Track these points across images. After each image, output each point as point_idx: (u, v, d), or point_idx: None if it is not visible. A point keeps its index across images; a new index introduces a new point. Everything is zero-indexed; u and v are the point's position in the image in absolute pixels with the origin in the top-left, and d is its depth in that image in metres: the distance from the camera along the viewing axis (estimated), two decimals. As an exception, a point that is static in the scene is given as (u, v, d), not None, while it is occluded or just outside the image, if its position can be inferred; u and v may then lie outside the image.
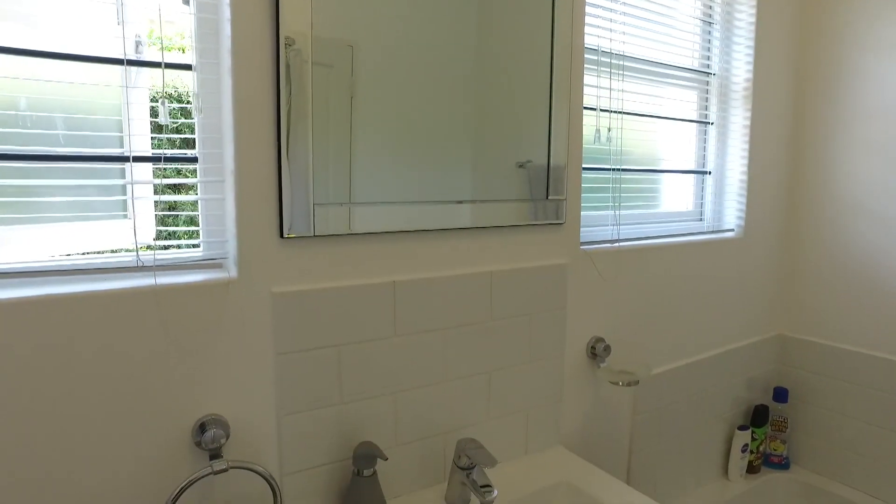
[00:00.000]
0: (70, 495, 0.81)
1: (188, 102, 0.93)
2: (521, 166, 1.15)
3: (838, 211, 1.74)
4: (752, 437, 1.76)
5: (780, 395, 1.82)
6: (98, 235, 0.88)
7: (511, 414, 1.22)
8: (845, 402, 1.73)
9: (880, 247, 1.65)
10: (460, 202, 1.08)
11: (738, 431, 1.72)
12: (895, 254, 1.62)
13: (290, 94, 0.90)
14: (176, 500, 0.87)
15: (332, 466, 1.01)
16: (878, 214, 1.65)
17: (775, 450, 1.83)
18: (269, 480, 0.92)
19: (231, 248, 0.92)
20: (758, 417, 1.78)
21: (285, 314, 0.93)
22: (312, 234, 0.95)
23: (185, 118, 0.93)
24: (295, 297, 0.94)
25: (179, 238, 0.94)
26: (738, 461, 1.74)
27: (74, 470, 0.81)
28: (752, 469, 1.79)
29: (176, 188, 1.17)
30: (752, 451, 1.77)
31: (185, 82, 0.94)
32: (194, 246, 0.94)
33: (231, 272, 0.91)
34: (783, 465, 1.83)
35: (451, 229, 1.09)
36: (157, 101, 0.87)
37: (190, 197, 0.94)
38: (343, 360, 0.99)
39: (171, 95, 0.91)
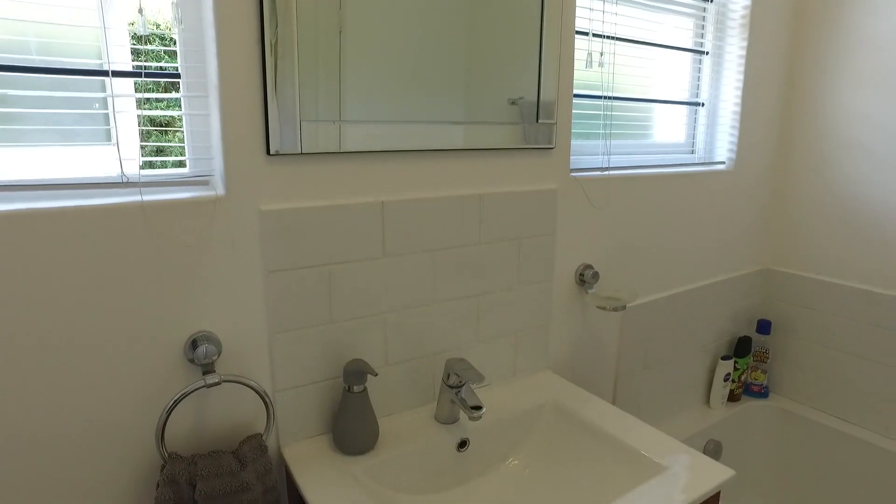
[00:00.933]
0: (63, 412, 0.83)
1: (168, 29, 0.90)
2: (513, 101, 1.13)
3: (829, 145, 1.74)
4: (735, 366, 1.81)
5: (764, 327, 1.86)
6: (81, 161, 0.86)
7: (500, 337, 1.24)
8: (824, 333, 1.78)
9: (869, 182, 1.66)
10: (452, 123, 1.07)
11: (721, 361, 1.77)
12: (883, 189, 1.63)
13: (275, 3, 0.87)
14: (170, 413, 0.89)
15: (324, 384, 1.03)
16: (869, 149, 1.65)
17: (756, 379, 1.88)
18: (261, 395, 0.94)
19: (217, 165, 0.91)
20: (741, 348, 1.82)
21: (274, 232, 0.93)
22: (300, 152, 0.93)
23: (165, 42, 0.90)
24: (283, 215, 0.93)
25: (164, 155, 0.92)
26: (721, 389, 1.79)
27: (66, 387, 0.82)
28: (732, 397, 1.84)
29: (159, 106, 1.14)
30: (733, 381, 1.82)
31: (164, -8, 0.91)
32: (180, 164, 0.93)
33: (218, 190, 0.90)
34: (762, 393, 1.89)
35: (440, 150, 1.08)
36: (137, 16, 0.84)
37: (173, 112, 0.91)
38: (332, 279, 0.99)
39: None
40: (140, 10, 0.84)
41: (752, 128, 1.73)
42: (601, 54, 1.33)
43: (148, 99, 0.90)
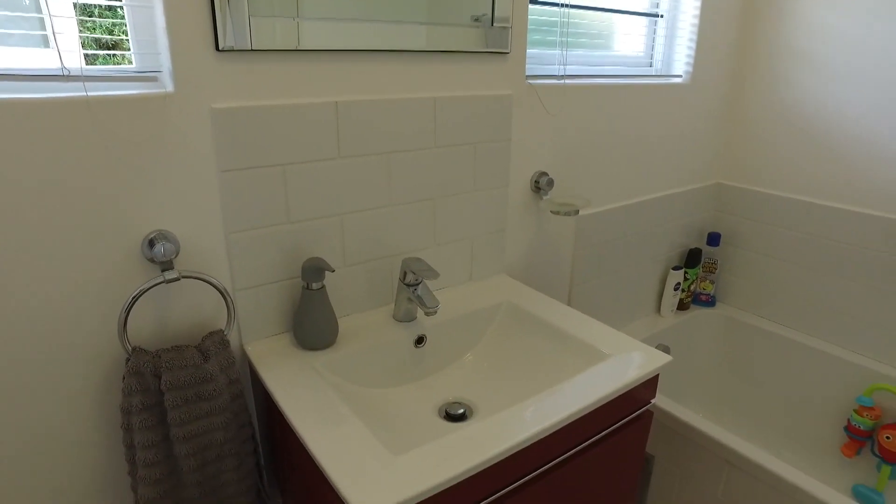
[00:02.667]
0: (21, 312, 0.84)
1: None
2: (476, 18, 1.12)
3: (783, 60, 1.76)
4: (685, 277, 1.90)
5: (713, 239, 1.94)
6: (18, 62, 0.83)
7: (456, 241, 1.27)
8: (768, 245, 1.87)
9: (819, 96, 1.70)
10: (414, 23, 1.06)
11: (672, 271, 1.85)
12: (832, 102, 1.68)
13: None
14: (131, 307, 0.91)
15: (283, 284, 1.06)
16: (820, 62, 1.68)
17: (704, 289, 1.98)
18: (221, 291, 0.96)
19: (165, 61, 0.89)
20: (691, 259, 1.90)
21: (226, 131, 0.93)
22: (251, 48, 0.92)
23: (101, -86, 0.86)
24: (236, 113, 0.93)
25: (108, 48, 0.90)
26: (671, 298, 1.88)
27: (19, 287, 0.83)
28: (682, 306, 1.94)
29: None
30: (683, 290, 1.92)
31: None
32: (125, 59, 0.91)
33: (167, 86, 0.89)
34: (710, 302, 1.99)
35: (397, 52, 1.08)
36: None
37: (114, 2, 0.88)
38: (288, 179, 1.00)
39: None
40: None
41: (710, 42, 1.74)
42: (559, -42, 1.31)
43: (86, -11, 0.86)
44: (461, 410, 1.06)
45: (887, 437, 1.61)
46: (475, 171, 1.25)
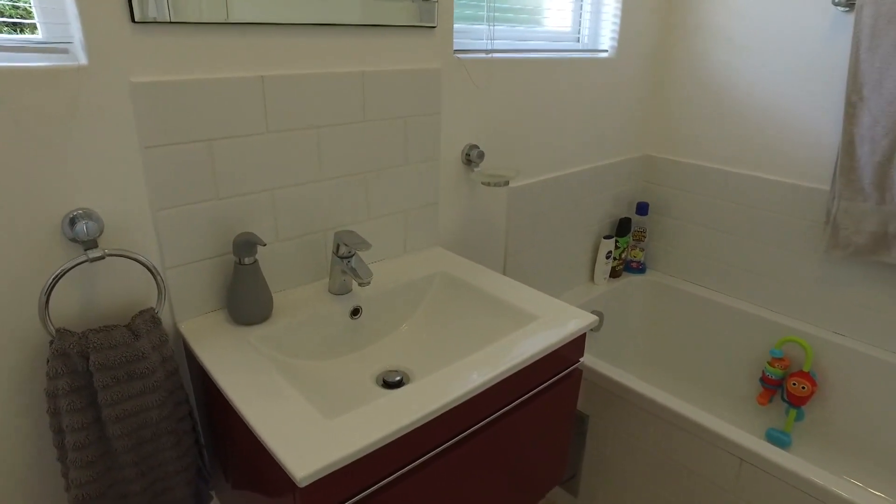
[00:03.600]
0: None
1: None
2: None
3: (704, 38, 1.84)
4: (616, 245, 1.98)
5: (642, 208, 2.03)
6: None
7: (390, 214, 1.29)
8: (693, 212, 1.97)
9: (736, 74, 1.79)
10: (327, -5, 1.06)
11: (603, 240, 1.93)
12: (750, 80, 1.77)
13: None
14: (52, 288, 0.88)
15: (214, 261, 1.05)
16: (731, 38, 1.77)
17: (634, 256, 2.07)
18: (149, 269, 0.95)
19: (76, 31, 0.86)
20: (621, 228, 1.99)
21: (148, 106, 0.91)
22: (169, 20, 0.90)
23: None
24: (157, 87, 0.91)
25: (9, 16, 0.86)
26: (603, 266, 1.96)
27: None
28: (614, 273, 2.03)
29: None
30: (615, 258, 2.00)
31: None
32: (30, 28, 0.87)
33: (80, 59, 0.86)
34: (640, 269, 2.09)
35: (324, 25, 1.07)
36: None
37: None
38: (215, 154, 0.99)
39: None
40: None
41: (634, 18, 1.80)
42: (483, -69, 1.33)
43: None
44: (398, 378, 1.08)
45: (794, 384, 1.74)
46: (406, 144, 1.27)
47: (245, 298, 1.02)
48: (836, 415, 1.75)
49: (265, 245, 1.00)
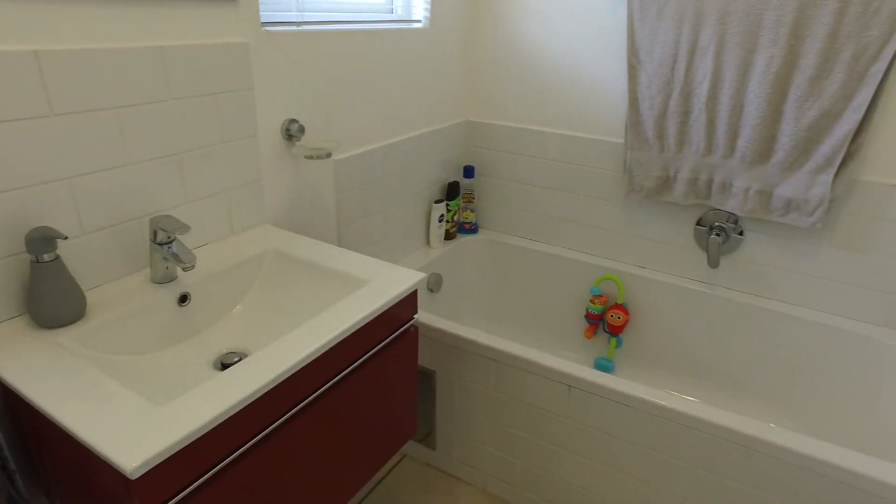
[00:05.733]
0: None
1: None
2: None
3: (510, 8, 1.97)
4: (447, 208, 2.08)
5: (468, 171, 2.14)
6: None
7: (210, 196, 1.25)
8: (515, 171, 2.12)
9: (541, 41, 1.94)
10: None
11: (434, 205, 2.02)
12: (552, 47, 1.93)
13: None
14: None
15: (6, 261, 0.95)
16: (540, 12, 1.91)
17: (466, 218, 2.19)
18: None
19: None
20: (450, 192, 2.09)
21: None
22: None
23: None
24: None
25: None
26: (437, 230, 2.05)
27: None
28: (449, 236, 2.13)
29: None
30: (447, 221, 2.10)
31: None
32: None
33: None
34: (473, 230, 2.22)
35: (101, -4, 0.99)
36: None
37: None
38: (-10, 143, 0.89)
39: None
40: None
41: (442, -12, 1.88)
42: None
43: None
44: (237, 359, 1.07)
45: (612, 316, 1.98)
46: (220, 122, 1.22)
47: (49, 299, 0.94)
48: (648, 337, 2.02)
49: (66, 238, 0.92)
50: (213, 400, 0.79)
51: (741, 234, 1.81)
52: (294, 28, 1.37)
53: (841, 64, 1.47)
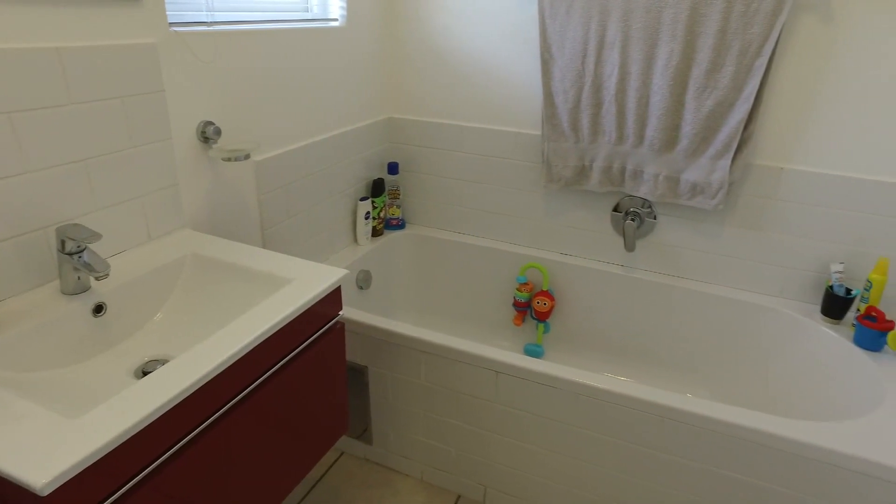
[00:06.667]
0: None
1: None
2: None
3: (427, 6, 1.99)
4: (373, 205, 2.09)
5: (392, 168, 2.16)
6: None
7: (123, 202, 1.21)
8: (437, 166, 2.16)
9: (457, 38, 1.98)
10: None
11: (360, 202, 2.02)
12: (468, 43, 1.97)
13: None
14: None
15: None
16: (454, 9, 1.94)
17: (393, 214, 2.21)
18: None
19: None
20: (376, 189, 2.10)
21: None
22: None
23: None
24: None
25: None
26: (364, 227, 2.06)
27: None
28: (376, 233, 2.15)
29: None
30: (374, 218, 2.11)
31: None
32: None
33: None
34: (400, 225, 2.24)
35: (-10, -2, 0.95)
36: None
37: None
38: None
39: None
40: None
41: (358, -15, 1.88)
42: None
43: None
44: (160, 367, 1.05)
45: (538, 302, 2.06)
46: (129, 126, 1.19)
47: (-52, 316, 0.89)
48: (574, 321, 2.11)
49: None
50: (128, 409, 0.78)
51: (654, 218, 1.91)
52: (205, 28, 1.35)
53: (731, 58, 1.59)
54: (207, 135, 1.36)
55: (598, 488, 1.49)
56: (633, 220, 1.89)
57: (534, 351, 2.14)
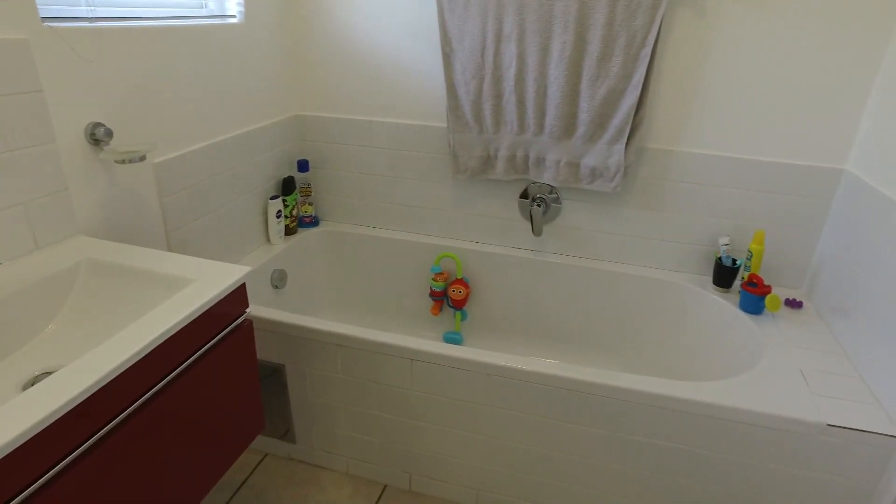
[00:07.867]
0: None
1: None
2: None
3: (326, 3, 1.98)
4: (284, 204, 2.07)
5: (302, 166, 2.14)
6: None
7: (3, 209, 1.15)
8: (346, 162, 2.16)
9: (360, 32, 1.98)
10: None
11: (270, 201, 2.00)
12: (371, 37, 1.97)
13: None
14: None
15: None
16: (357, 6, 1.95)
17: (305, 211, 2.19)
18: None
19: None
20: (286, 187, 2.08)
21: None
22: None
23: None
24: None
25: None
26: (276, 226, 2.04)
27: None
28: (289, 231, 2.12)
29: None
30: (286, 216, 2.09)
31: None
32: None
33: None
34: (313, 223, 2.23)
35: None
36: None
37: None
38: None
39: None
40: None
41: (254, -19, 1.85)
42: None
43: None
44: (51, 379, 1.01)
45: (454, 291, 2.10)
46: (3, 129, 1.12)
47: None
48: (489, 307, 2.17)
49: None
50: (7, 424, 0.75)
51: (559, 203, 2.00)
52: (86, 24, 1.29)
53: (619, 48, 1.68)
54: (97, 137, 1.30)
55: (515, 464, 1.56)
56: (539, 205, 1.97)
57: (452, 339, 2.19)
